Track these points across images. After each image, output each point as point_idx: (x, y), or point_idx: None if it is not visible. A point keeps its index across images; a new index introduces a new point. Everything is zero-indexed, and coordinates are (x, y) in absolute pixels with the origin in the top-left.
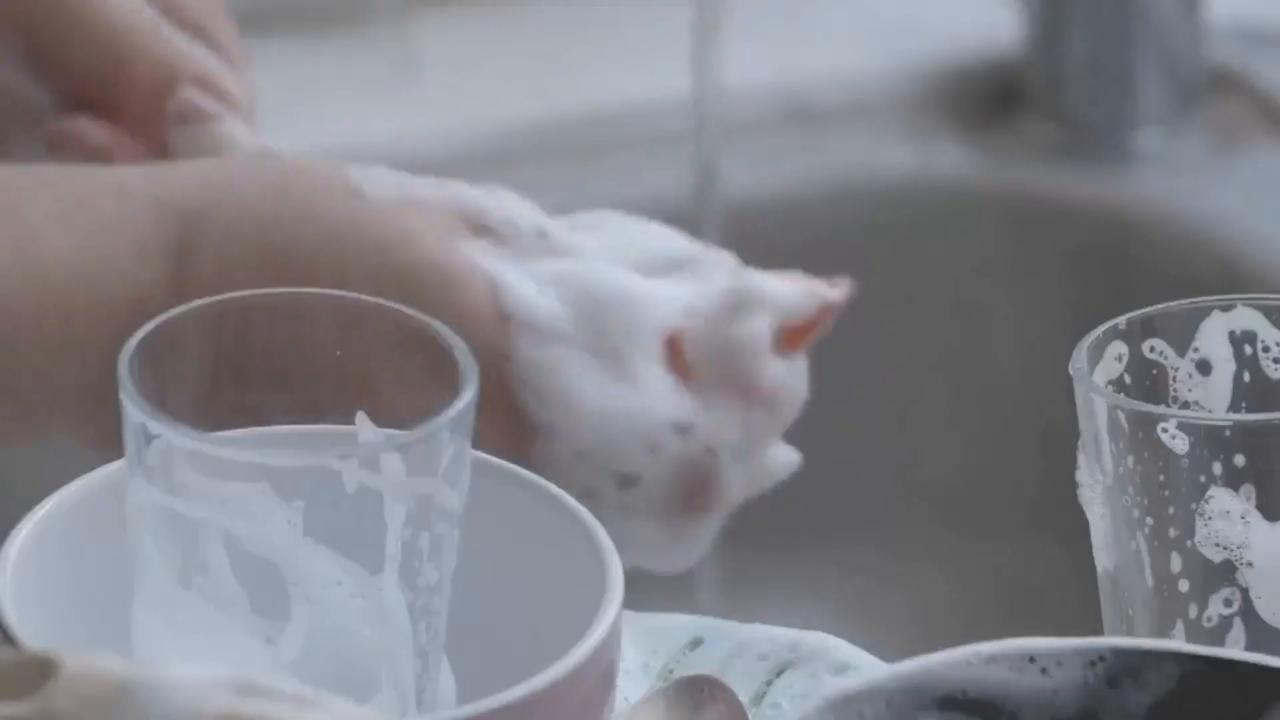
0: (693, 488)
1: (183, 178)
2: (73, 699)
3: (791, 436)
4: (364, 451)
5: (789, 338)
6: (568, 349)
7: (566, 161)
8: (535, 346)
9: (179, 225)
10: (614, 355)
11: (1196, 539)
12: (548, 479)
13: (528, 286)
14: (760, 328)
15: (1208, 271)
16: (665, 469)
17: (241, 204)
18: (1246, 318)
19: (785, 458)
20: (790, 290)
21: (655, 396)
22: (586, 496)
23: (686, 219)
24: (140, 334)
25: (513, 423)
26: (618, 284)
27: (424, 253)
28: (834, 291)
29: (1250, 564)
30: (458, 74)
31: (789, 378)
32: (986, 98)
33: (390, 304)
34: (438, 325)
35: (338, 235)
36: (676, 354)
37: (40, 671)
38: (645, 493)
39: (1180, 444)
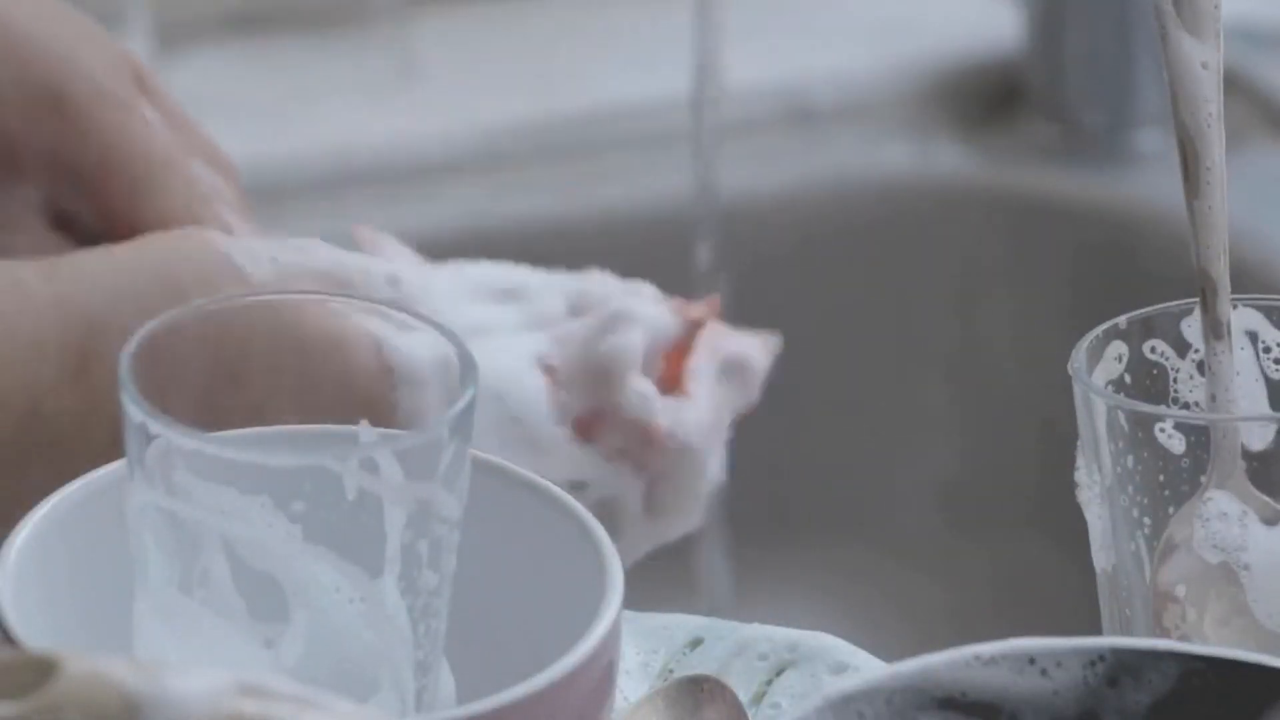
0: None
1: (80, 274)
2: (77, 711)
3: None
4: (363, 453)
5: (669, 364)
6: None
7: (566, 161)
8: (414, 397)
9: (80, 331)
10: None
11: (1194, 540)
12: None
13: (407, 339)
14: (630, 339)
15: None
16: None
17: (141, 308)
18: (1247, 318)
19: (691, 509)
20: (655, 309)
21: (552, 458)
22: None
23: (686, 219)
24: (140, 334)
25: None
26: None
27: (313, 322)
28: (699, 309)
29: (1247, 566)
30: (458, 74)
31: (685, 421)
32: (986, 98)
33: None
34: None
35: (234, 324)
36: (552, 382)
37: (40, 671)
38: None
39: (1178, 444)
